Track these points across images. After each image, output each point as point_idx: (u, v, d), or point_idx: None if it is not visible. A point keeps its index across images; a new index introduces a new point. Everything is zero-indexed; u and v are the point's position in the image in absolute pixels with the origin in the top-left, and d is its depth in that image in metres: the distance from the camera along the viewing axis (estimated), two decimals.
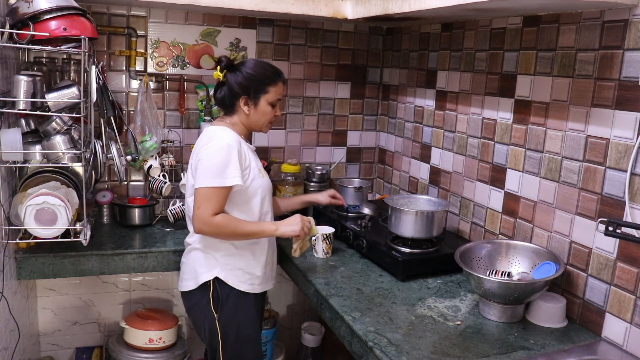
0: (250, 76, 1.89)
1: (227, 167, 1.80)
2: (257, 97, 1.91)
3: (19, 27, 1.80)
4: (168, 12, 2.56)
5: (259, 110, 1.93)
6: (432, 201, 2.26)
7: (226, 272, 1.92)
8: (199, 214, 1.81)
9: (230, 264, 1.92)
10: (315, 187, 2.79)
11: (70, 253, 2.11)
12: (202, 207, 1.81)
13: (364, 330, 1.62)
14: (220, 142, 1.83)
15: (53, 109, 1.91)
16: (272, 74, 1.93)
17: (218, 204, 1.81)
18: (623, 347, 1.59)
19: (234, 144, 1.83)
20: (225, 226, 1.83)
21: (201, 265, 1.93)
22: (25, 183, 1.96)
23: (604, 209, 1.66)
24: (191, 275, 1.96)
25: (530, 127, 1.95)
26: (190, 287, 1.96)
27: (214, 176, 1.80)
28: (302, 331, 2.85)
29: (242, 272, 1.94)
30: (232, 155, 1.82)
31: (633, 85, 1.55)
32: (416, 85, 2.69)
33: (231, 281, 1.92)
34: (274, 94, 1.93)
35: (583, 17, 1.72)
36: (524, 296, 1.68)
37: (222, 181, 1.80)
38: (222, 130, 1.89)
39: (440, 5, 1.75)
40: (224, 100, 1.94)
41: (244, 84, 1.89)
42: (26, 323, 2.26)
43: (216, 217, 1.81)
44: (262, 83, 1.90)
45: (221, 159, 1.81)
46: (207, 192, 1.81)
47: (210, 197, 1.81)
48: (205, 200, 1.81)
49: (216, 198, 1.81)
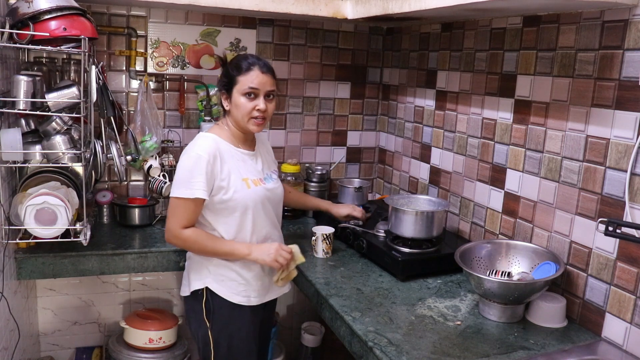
0: (225, 70, 1.87)
1: (192, 178, 1.75)
2: (230, 90, 1.84)
3: (19, 27, 1.80)
4: (168, 12, 2.56)
5: (234, 103, 1.84)
6: (432, 201, 2.26)
7: (218, 283, 1.87)
8: (168, 224, 1.79)
9: (222, 274, 1.87)
10: (315, 187, 2.79)
11: (70, 253, 2.10)
12: (171, 218, 1.78)
13: (364, 330, 1.62)
14: (192, 151, 1.79)
15: (53, 109, 1.91)
16: (242, 62, 1.83)
17: (186, 216, 1.77)
18: (623, 347, 1.59)
19: (204, 155, 1.76)
20: (194, 243, 1.80)
21: (194, 272, 1.91)
22: (25, 183, 1.96)
23: (604, 209, 1.66)
24: (186, 281, 1.95)
25: (530, 127, 1.95)
26: (185, 292, 1.95)
27: (181, 186, 1.76)
28: (302, 331, 2.85)
29: (236, 284, 1.88)
30: (198, 167, 1.75)
31: (633, 85, 1.55)
32: (416, 85, 2.69)
33: (223, 292, 1.87)
34: (243, 83, 1.80)
35: (583, 17, 1.72)
36: (524, 296, 1.68)
37: (189, 192, 1.75)
38: (203, 138, 1.83)
39: (440, 5, 1.75)
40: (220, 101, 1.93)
41: (220, 80, 1.89)
42: (26, 323, 2.26)
43: (185, 232, 1.78)
44: (232, 74, 1.83)
45: (187, 169, 1.77)
46: (175, 203, 1.78)
47: (178, 208, 1.77)
48: (173, 211, 1.78)
49: (184, 209, 1.77)
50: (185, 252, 2.23)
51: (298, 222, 2.66)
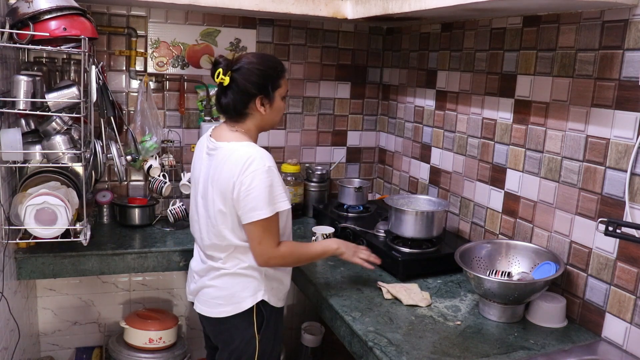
0: (263, 72, 1.72)
1: (275, 191, 1.67)
2: (273, 94, 1.75)
3: (19, 27, 1.80)
4: (168, 12, 2.56)
5: (275, 107, 1.77)
6: (432, 201, 2.26)
7: (269, 292, 1.79)
8: (262, 250, 1.69)
9: (271, 283, 1.80)
10: (315, 187, 2.79)
11: (70, 253, 2.10)
12: (264, 242, 1.68)
13: (364, 330, 1.62)
14: (261, 165, 1.65)
15: (53, 109, 1.91)
16: (280, 64, 1.78)
17: (277, 233, 1.71)
18: (623, 347, 1.59)
19: (272, 165, 1.68)
20: (290, 255, 1.75)
21: (243, 290, 1.77)
22: (25, 183, 1.96)
23: (604, 209, 1.66)
24: (229, 301, 1.78)
25: (530, 127, 1.95)
26: (227, 313, 1.78)
27: (267, 205, 1.65)
28: (302, 331, 2.85)
29: (278, 289, 1.83)
30: (275, 178, 1.67)
31: (633, 85, 1.55)
32: (416, 85, 2.69)
33: (273, 301, 1.81)
34: (284, 87, 1.78)
35: (583, 17, 1.72)
36: (524, 296, 1.68)
37: (274, 208, 1.66)
38: (255, 148, 1.71)
39: (440, 5, 1.75)
40: (235, 107, 1.73)
41: (259, 82, 1.71)
42: (26, 323, 2.26)
43: (280, 249, 1.71)
44: (275, 77, 1.74)
45: (269, 185, 1.65)
46: (265, 225, 1.67)
47: (268, 229, 1.68)
48: (264, 234, 1.68)
49: (274, 228, 1.69)
50: (184, 253, 2.24)
51: (298, 222, 2.66)
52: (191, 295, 1.93)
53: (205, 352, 2.33)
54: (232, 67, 1.71)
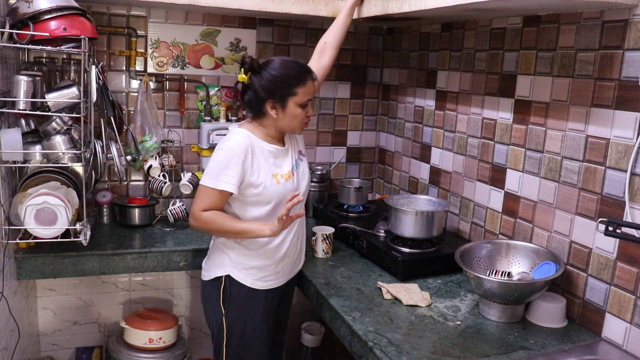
0: (275, 78, 1.78)
1: (223, 171, 1.78)
2: (285, 100, 1.80)
3: (19, 27, 1.80)
4: (168, 12, 2.56)
5: (288, 113, 1.82)
6: (432, 201, 2.26)
7: (238, 270, 1.90)
8: (192, 209, 1.84)
9: (244, 263, 1.90)
10: (315, 187, 2.79)
11: (70, 253, 2.10)
12: (195, 203, 1.83)
13: (364, 330, 1.62)
14: (227, 144, 1.81)
15: (53, 109, 1.91)
16: (299, 74, 1.81)
17: (209, 203, 1.81)
18: (623, 347, 1.59)
19: (237, 150, 1.79)
20: (212, 223, 1.82)
21: (215, 260, 1.94)
22: (25, 183, 1.96)
23: (604, 209, 1.66)
24: (206, 266, 1.98)
25: (530, 127, 1.95)
26: (204, 277, 1.97)
27: (210, 177, 1.80)
28: (302, 331, 2.85)
29: (257, 270, 1.91)
30: (231, 161, 1.78)
31: (633, 85, 1.55)
32: (416, 85, 2.69)
33: (242, 279, 1.90)
34: (302, 95, 1.81)
35: (583, 17, 1.72)
36: (524, 296, 1.68)
37: (215, 183, 1.79)
38: (237, 133, 1.85)
39: (440, 5, 1.76)
40: (251, 105, 1.86)
41: (268, 88, 1.79)
42: (26, 323, 2.26)
43: (204, 213, 1.82)
44: (288, 85, 1.79)
45: (219, 162, 1.80)
46: (202, 190, 1.83)
47: (203, 195, 1.82)
48: (198, 197, 1.83)
49: (208, 198, 1.81)
50: (184, 253, 2.24)
51: None
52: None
53: (205, 352, 2.35)
54: (252, 69, 1.83)
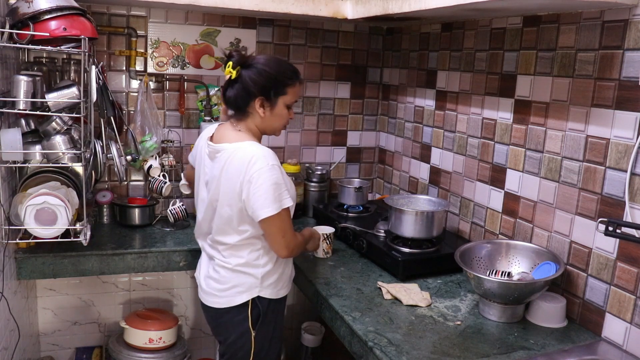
0: (269, 75, 1.72)
1: (280, 188, 1.69)
2: (275, 99, 1.75)
3: (19, 27, 1.80)
4: (168, 12, 2.56)
5: (275, 113, 1.77)
6: (432, 201, 2.26)
7: (265, 288, 1.82)
8: (287, 241, 1.75)
9: (268, 278, 1.83)
10: (315, 187, 2.79)
11: (70, 253, 2.10)
12: (287, 233, 1.74)
13: (364, 330, 1.62)
14: (265, 164, 1.67)
15: (53, 109, 1.91)
16: (292, 73, 1.77)
17: (291, 224, 1.77)
18: (623, 347, 1.59)
19: (276, 163, 1.71)
20: (303, 238, 1.89)
21: (237, 285, 1.80)
22: (25, 183, 1.96)
23: (604, 209, 1.66)
24: (224, 294, 1.82)
25: (530, 127, 1.95)
26: (222, 305, 1.83)
27: (273, 202, 1.68)
28: (302, 331, 2.85)
29: (278, 280, 1.86)
30: (279, 175, 1.70)
31: (633, 85, 1.55)
32: (416, 85, 2.69)
33: (269, 294, 1.84)
34: (292, 96, 1.78)
35: (583, 17, 1.72)
36: (524, 296, 1.68)
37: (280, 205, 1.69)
38: (259, 147, 1.73)
39: (440, 5, 1.75)
40: (237, 101, 1.76)
41: (262, 84, 1.72)
42: (26, 323, 2.26)
43: (298, 236, 1.84)
44: (281, 84, 1.74)
45: (273, 183, 1.67)
46: (284, 216, 1.71)
47: (286, 218, 1.73)
48: (286, 225, 1.73)
49: (288, 218, 1.74)
50: (184, 253, 2.24)
51: (298, 222, 2.65)
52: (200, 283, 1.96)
53: (205, 352, 2.35)
54: (242, 63, 1.74)
